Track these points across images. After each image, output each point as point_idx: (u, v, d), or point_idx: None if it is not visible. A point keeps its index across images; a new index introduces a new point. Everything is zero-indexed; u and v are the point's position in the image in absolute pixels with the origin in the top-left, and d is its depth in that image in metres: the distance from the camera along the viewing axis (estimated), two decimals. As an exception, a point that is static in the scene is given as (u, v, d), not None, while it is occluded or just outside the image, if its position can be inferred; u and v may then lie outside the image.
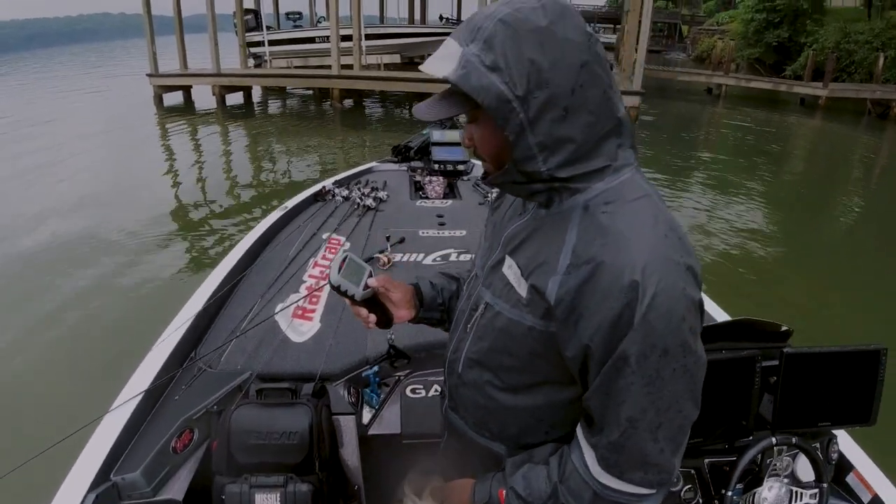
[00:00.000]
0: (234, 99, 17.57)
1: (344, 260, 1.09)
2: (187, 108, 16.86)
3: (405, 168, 4.53)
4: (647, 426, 0.79)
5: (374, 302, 1.14)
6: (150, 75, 16.99)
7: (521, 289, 0.89)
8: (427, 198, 3.92)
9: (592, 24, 44.04)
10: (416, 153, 4.71)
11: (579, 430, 0.89)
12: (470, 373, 1.03)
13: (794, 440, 1.52)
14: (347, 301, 1.12)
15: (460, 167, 4.23)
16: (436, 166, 4.22)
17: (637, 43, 13.75)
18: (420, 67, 0.89)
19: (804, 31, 23.13)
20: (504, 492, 0.94)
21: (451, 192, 4.12)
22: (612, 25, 40.89)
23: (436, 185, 4.07)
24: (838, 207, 9.26)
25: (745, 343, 1.57)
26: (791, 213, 8.63)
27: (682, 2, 48.38)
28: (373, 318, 1.13)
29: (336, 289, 1.09)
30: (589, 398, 0.84)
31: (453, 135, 4.39)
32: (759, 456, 1.56)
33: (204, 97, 17.15)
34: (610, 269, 0.77)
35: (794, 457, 1.62)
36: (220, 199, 8.49)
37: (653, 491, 0.85)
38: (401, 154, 4.81)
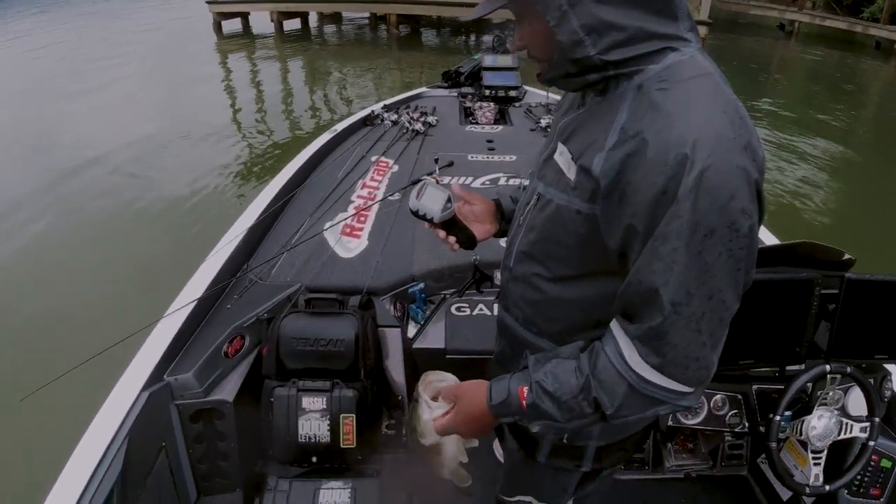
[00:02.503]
0: (291, 25, 17.45)
1: (422, 187, 1.09)
2: (245, 35, 16.89)
3: (455, 94, 4.45)
4: (689, 314, 0.75)
5: (453, 224, 1.14)
6: (209, 2, 16.93)
7: (571, 172, 0.86)
8: (477, 123, 3.85)
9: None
10: (467, 79, 4.62)
11: (615, 324, 0.85)
12: (520, 266, 1.01)
13: (848, 370, 1.47)
14: (427, 225, 1.13)
15: (512, 93, 4.11)
16: (487, 92, 4.13)
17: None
18: None
19: None
20: (525, 389, 0.90)
21: (501, 118, 4.03)
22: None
23: (486, 110, 3.98)
24: None
25: (804, 269, 1.51)
26: (859, 155, 8.13)
27: None
28: (453, 238, 1.15)
29: (415, 213, 1.10)
30: (629, 284, 0.79)
31: (505, 59, 4.26)
32: (810, 385, 1.52)
33: (261, 24, 17.12)
34: (657, 142, 0.73)
35: (845, 390, 1.58)
36: (277, 122, 8.64)
37: (691, 389, 0.81)
38: (451, 79, 4.72)
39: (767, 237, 2.29)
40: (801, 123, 9.17)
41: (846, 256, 1.49)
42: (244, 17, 17.67)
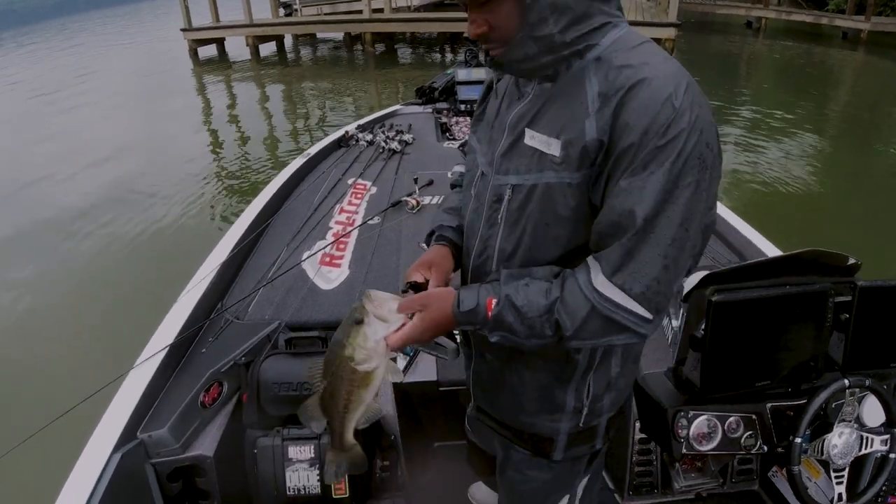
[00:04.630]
0: (267, 49, 17.54)
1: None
2: (222, 61, 16.94)
3: (430, 110, 4.41)
4: (658, 234, 0.83)
5: (419, 288, 1.05)
6: (184, 30, 17.04)
7: (553, 149, 0.91)
8: (454, 139, 3.81)
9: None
10: (442, 94, 4.59)
11: (589, 257, 0.90)
12: (508, 265, 1.02)
13: (867, 383, 1.41)
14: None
15: None
16: (462, 107, 4.08)
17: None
18: None
19: None
20: (493, 300, 0.93)
21: None
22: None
23: (462, 125, 3.94)
24: (886, 141, 8.67)
25: (811, 277, 1.45)
26: (838, 149, 8.20)
27: None
28: None
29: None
30: (609, 208, 0.86)
31: (479, 73, 4.22)
32: (826, 399, 1.45)
33: (237, 49, 17.24)
34: (644, 86, 0.82)
35: (860, 400, 1.51)
36: (255, 147, 8.54)
37: (649, 316, 0.86)
38: (425, 95, 4.68)
39: (769, 248, 2.24)
40: (777, 119, 9.24)
41: (851, 261, 1.44)
42: (219, 42, 17.75)
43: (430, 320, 0.96)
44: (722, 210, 2.61)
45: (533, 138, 0.94)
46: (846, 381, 1.39)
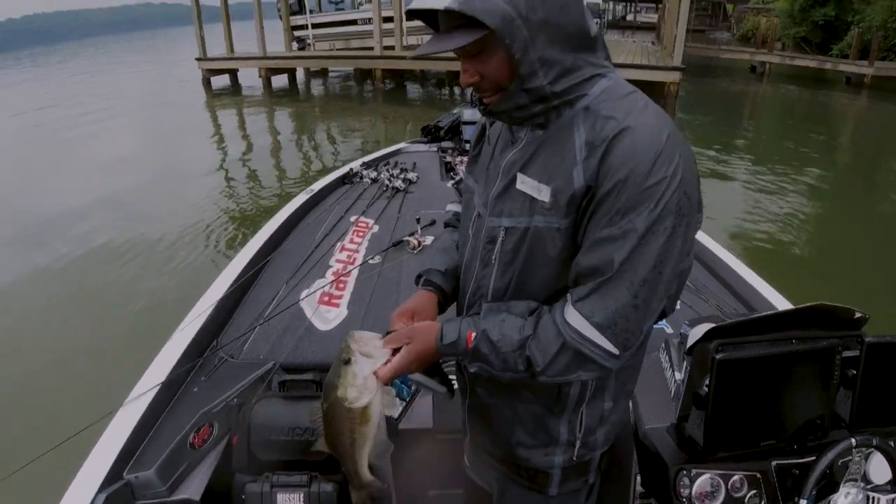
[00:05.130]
0: (279, 81, 17.89)
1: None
2: (234, 91, 17.31)
3: (435, 148, 4.42)
4: (632, 277, 0.87)
5: None
6: (198, 59, 17.46)
7: (543, 195, 0.95)
8: (458, 178, 3.79)
9: (634, 4, 42.71)
10: (447, 133, 4.61)
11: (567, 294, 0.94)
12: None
13: (875, 442, 1.36)
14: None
15: None
16: (467, 146, 4.08)
17: (678, 18, 13.20)
18: (411, 7, 0.92)
19: (851, 10, 22.24)
20: (473, 334, 0.97)
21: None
22: (653, 5, 39.41)
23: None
24: (893, 187, 8.67)
25: (817, 331, 1.42)
26: (844, 195, 8.17)
27: None
28: None
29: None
30: (590, 249, 0.89)
31: None
32: (833, 459, 1.41)
33: (249, 80, 17.59)
34: (625, 135, 0.86)
35: (866, 456, 1.46)
36: (263, 178, 8.60)
37: (615, 351, 0.90)
38: (430, 134, 4.71)
39: (775, 297, 2.20)
40: (780, 163, 9.24)
41: (858, 314, 1.41)
42: (233, 73, 18.18)
43: (416, 352, 1.02)
44: (727, 257, 2.58)
45: (524, 183, 0.98)
46: (853, 441, 1.35)
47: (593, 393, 1.07)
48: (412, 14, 0.94)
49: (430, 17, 0.96)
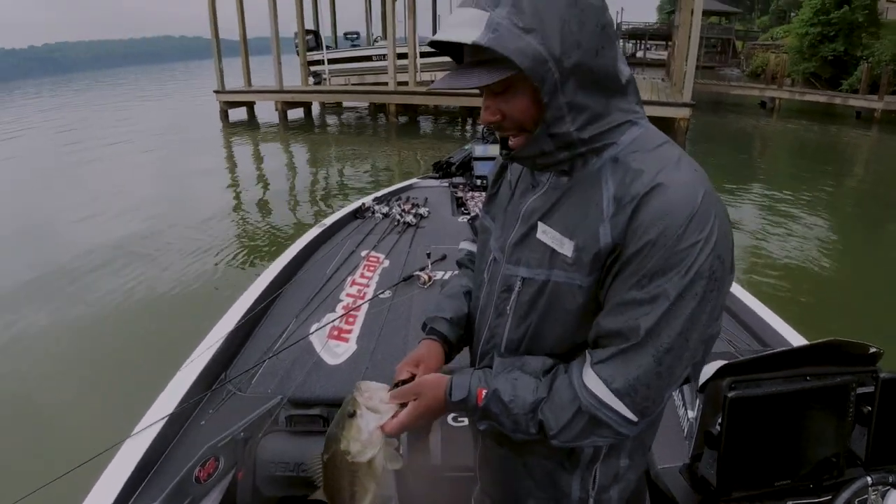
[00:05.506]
0: (295, 114, 18.27)
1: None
2: (250, 123, 17.66)
3: (446, 184, 4.48)
4: (658, 344, 0.82)
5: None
6: (216, 92, 17.82)
7: (566, 249, 0.90)
8: (469, 214, 3.82)
9: (644, 41, 43.32)
10: (458, 169, 4.67)
11: (586, 352, 0.90)
12: (513, 355, 1.00)
13: (891, 479, 1.34)
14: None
15: None
16: (478, 181, 4.14)
17: (687, 55, 13.38)
18: (435, 38, 0.85)
19: (860, 45, 22.67)
20: (483, 392, 0.93)
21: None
22: (663, 42, 39.93)
23: (478, 200, 3.98)
24: None
25: (830, 367, 1.39)
26: (855, 229, 8.15)
27: (735, 17, 46.42)
28: None
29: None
30: (614, 313, 0.84)
31: (495, 149, 4.30)
32: (848, 499, 1.38)
33: (265, 114, 18.00)
34: (657, 193, 0.81)
35: (882, 495, 1.43)
36: (276, 211, 8.68)
37: (633, 418, 0.85)
38: (442, 170, 4.77)
39: (788, 332, 2.18)
40: (793, 198, 9.23)
41: (873, 349, 1.38)
42: (250, 106, 18.59)
43: (424, 407, 0.98)
44: (740, 293, 2.57)
45: (545, 233, 0.93)
46: (869, 479, 1.33)
47: (608, 451, 1.02)
48: (435, 45, 0.87)
49: (453, 48, 0.90)
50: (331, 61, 19.56)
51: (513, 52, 0.78)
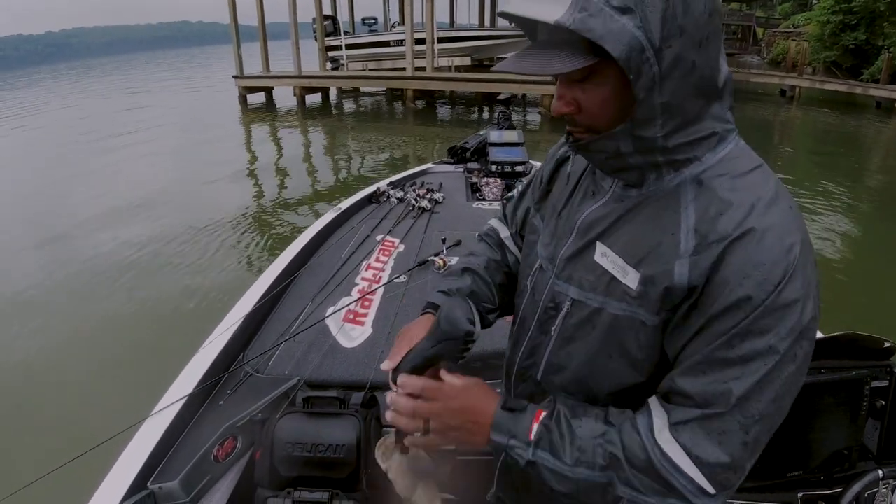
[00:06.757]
0: (313, 99, 18.35)
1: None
2: (269, 108, 17.73)
3: (461, 169, 4.46)
4: (750, 412, 0.69)
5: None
6: (236, 77, 17.97)
7: (630, 280, 0.77)
8: (484, 199, 3.82)
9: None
10: (473, 154, 4.65)
11: (654, 400, 0.77)
12: (556, 378, 0.90)
13: None
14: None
15: (518, 168, 4.08)
16: (493, 167, 4.12)
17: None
18: (507, 9, 0.71)
19: (882, 34, 21.82)
20: (534, 428, 0.80)
21: (508, 193, 4.00)
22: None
23: (493, 186, 3.97)
24: None
25: (845, 361, 1.40)
26: (875, 222, 7.93)
27: (756, 3, 45.22)
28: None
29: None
30: (698, 375, 0.71)
31: (511, 135, 4.28)
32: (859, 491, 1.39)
33: (283, 98, 18.07)
34: (750, 240, 0.68)
35: (893, 489, 1.44)
36: (293, 195, 8.72)
37: (711, 491, 0.72)
38: (457, 155, 4.75)
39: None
40: (811, 189, 9.00)
41: (887, 344, 1.39)
42: (268, 91, 18.69)
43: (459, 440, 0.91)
44: None
45: (605, 256, 0.80)
46: (880, 472, 1.34)
47: None
48: (506, 17, 0.73)
49: (526, 21, 0.73)
50: (348, 47, 19.59)
51: (605, 38, 0.64)
